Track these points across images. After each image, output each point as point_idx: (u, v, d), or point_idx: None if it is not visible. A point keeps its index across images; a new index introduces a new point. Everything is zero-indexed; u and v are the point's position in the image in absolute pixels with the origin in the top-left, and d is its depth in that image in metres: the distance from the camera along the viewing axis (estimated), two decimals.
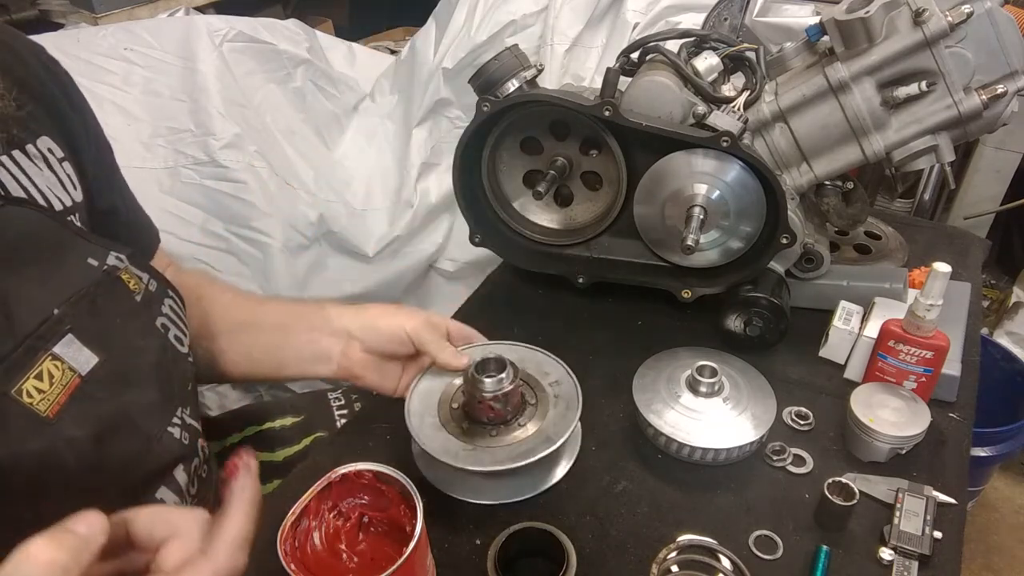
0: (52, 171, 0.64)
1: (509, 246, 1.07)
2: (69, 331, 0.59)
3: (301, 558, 0.56)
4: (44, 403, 0.56)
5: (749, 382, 0.82)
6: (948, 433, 0.82)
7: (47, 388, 0.56)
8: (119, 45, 1.45)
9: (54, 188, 0.64)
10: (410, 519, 0.57)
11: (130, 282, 0.67)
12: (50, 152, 0.65)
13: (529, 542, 0.67)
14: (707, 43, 0.96)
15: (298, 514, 0.57)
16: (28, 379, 0.55)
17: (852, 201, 1.01)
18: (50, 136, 0.66)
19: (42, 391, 0.56)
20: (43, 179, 0.63)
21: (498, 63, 0.91)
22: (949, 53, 0.82)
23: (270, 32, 1.57)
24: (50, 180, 0.64)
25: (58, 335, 0.58)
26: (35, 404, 0.56)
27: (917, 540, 0.68)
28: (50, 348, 0.57)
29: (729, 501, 0.75)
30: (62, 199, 0.65)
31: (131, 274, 0.67)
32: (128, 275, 0.67)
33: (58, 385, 0.57)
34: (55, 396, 0.57)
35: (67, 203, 0.65)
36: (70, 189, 0.66)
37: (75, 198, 0.67)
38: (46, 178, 0.63)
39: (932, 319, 0.78)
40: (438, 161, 1.59)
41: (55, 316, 0.58)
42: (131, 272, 0.67)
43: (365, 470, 0.60)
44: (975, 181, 1.92)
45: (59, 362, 0.58)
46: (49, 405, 0.56)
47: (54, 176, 0.65)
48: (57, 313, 0.59)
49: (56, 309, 0.59)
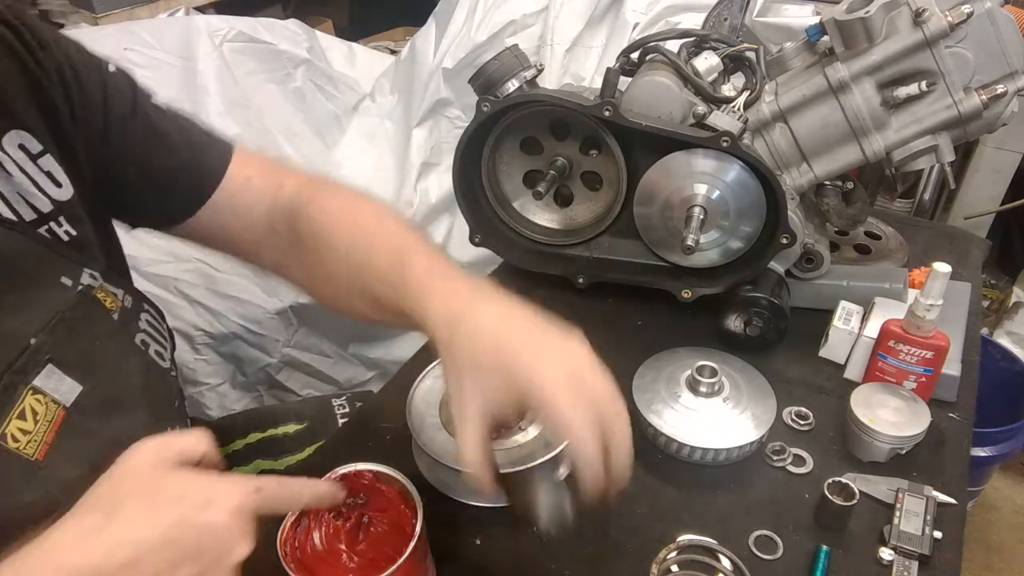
0: (24, 173, 0.58)
1: (509, 246, 1.07)
2: (48, 361, 0.55)
3: (301, 558, 0.56)
4: (31, 445, 0.53)
5: (749, 382, 0.82)
6: (948, 433, 0.82)
7: (32, 428, 0.53)
8: (119, 45, 1.44)
9: (27, 194, 0.58)
10: (410, 519, 0.57)
11: (106, 300, 0.63)
12: (22, 150, 0.58)
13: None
14: (707, 43, 0.96)
15: (298, 514, 0.57)
16: (11, 420, 0.52)
17: (852, 201, 1.01)
18: (24, 129, 0.58)
19: (27, 432, 0.53)
20: (11, 186, 0.57)
21: (498, 63, 0.91)
22: (949, 53, 0.82)
23: (270, 32, 1.57)
24: (21, 185, 0.57)
25: (37, 366, 0.54)
26: (22, 448, 0.52)
27: (917, 540, 0.68)
28: (30, 381, 0.54)
29: (729, 501, 0.75)
30: (37, 205, 0.58)
31: (106, 292, 0.63)
32: (104, 293, 0.62)
33: (43, 422, 0.54)
34: (41, 435, 0.54)
35: (44, 209, 0.59)
36: (50, 189, 0.59)
37: (59, 197, 0.60)
38: (16, 184, 0.57)
39: (932, 319, 0.78)
40: (438, 161, 1.59)
41: (32, 346, 0.54)
42: (106, 290, 0.63)
43: (365, 470, 0.60)
44: (975, 181, 1.92)
45: (41, 395, 0.54)
46: (37, 447, 0.53)
47: (26, 179, 0.58)
48: (34, 343, 0.55)
49: (33, 339, 0.55)
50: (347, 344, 1.63)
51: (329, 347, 1.62)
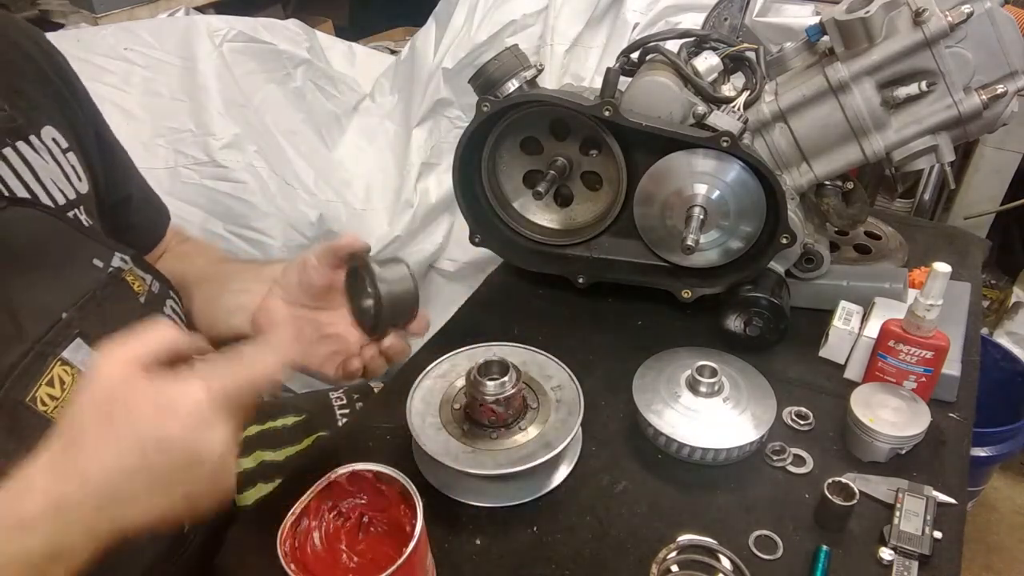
0: (56, 162, 0.63)
1: (509, 246, 1.07)
2: (77, 335, 0.58)
3: (301, 558, 0.56)
4: (58, 410, 0.55)
5: (749, 382, 0.82)
6: (948, 433, 0.82)
7: (59, 394, 0.56)
8: (119, 45, 1.45)
9: (58, 181, 0.63)
10: (410, 519, 0.57)
11: (135, 284, 0.66)
12: (54, 142, 0.64)
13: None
14: (707, 43, 0.96)
15: (298, 514, 0.57)
16: (40, 386, 0.55)
17: (852, 201, 1.01)
18: (54, 125, 0.64)
19: (55, 398, 0.55)
20: (47, 172, 0.62)
21: (498, 63, 0.91)
22: (949, 53, 0.82)
23: (270, 32, 1.57)
24: (54, 172, 0.63)
25: (67, 339, 0.57)
26: (50, 412, 0.55)
27: (917, 540, 0.68)
28: (59, 353, 0.57)
29: (729, 501, 0.75)
30: (66, 192, 0.63)
31: (135, 275, 0.67)
32: (133, 276, 0.66)
33: (70, 391, 0.56)
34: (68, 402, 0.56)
35: (71, 196, 0.64)
36: (75, 181, 0.65)
37: (80, 190, 0.66)
38: (50, 170, 0.62)
39: (932, 319, 0.78)
40: (438, 161, 1.59)
41: (63, 320, 0.58)
42: (135, 273, 0.67)
43: (365, 470, 0.60)
44: (975, 181, 1.92)
45: (69, 367, 0.57)
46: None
47: (58, 168, 0.63)
48: (65, 317, 0.58)
49: (64, 313, 0.58)
50: None
51: None
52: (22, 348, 0.55)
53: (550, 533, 0.72)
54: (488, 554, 0.70)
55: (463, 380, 0.77)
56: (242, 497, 0.90)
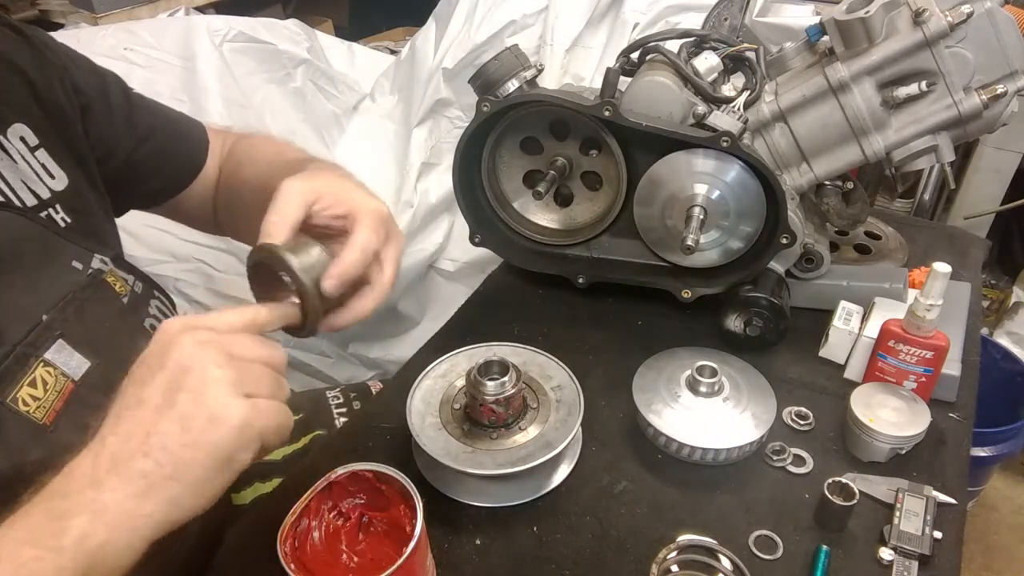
0: (26, 162, 0.62)
1: (509, 246, 1.07)
2: (59, 336, 0.58)
3: (301, 558, 0.56)
4: (40, 410, 0.56)
5: (749, 382, 0.82)
6: (948, 433, 0.82)
7: (41, 395, 0.56)
8: (119, 45, 1.45)
9: (29, 182, 0.62)
10: (410, 519, 0.57)
11: (116, 284, 0.66)
12: (22, 141, 0.63)
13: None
14: (707, 43, 0.96)
15: (298, 514, 0.57)
16: (22, 387, 0.55)
17: (852, 201, 1.01)
18: (24, 122, 0.63)
19: (37, 398, 0.56)
20: (16, 173, 0.61)
21: (498, 63, 0.91)
22: (949, 53, 0.82)
23: (270, 32, 1.58)
24: (25, 173, 0.62)
25: (48, 341, 0.58)
26: (31, 412, 0.55)
27: (917, 540, 0.68)
28: (41, 355, 0.57)
29: (729, 501, 0.75)
30: (38, 192, 0.63)
31: (117, 277, 0.66)
32: (114, 278, 0.66)
33: (52, 391, 0.57)
34: (50, 403, 0.56)
35: (44, 196, 0.63)
36: (47, 179, 0.64)
37: (54, 187, 0.64)
38: (20, 171, 0.61)
39: (932, 319, 0.78)
40: (438, 161, 1.59)
41: (44, 322, 0.58)
42: (116, 275, 0.66)
43: (365, 470, 0.60)
44: (975, 181, 1.92)
45: (51, 368, 0.57)
46: (45, 412, 0.56)
47: (28, 168, 0.62)
48: (46, 319, 0.58)
49: (44, 315, 0.58)
50: (347, 344, 1.64)
51: (329, 347, 1.62)
52: (3, 350, 0.55)
53: (550, 533, 0.72)
54: (488, 554, 0.70)
55: (463, 380, 0.77)
56: (239, 496, 0.91)
